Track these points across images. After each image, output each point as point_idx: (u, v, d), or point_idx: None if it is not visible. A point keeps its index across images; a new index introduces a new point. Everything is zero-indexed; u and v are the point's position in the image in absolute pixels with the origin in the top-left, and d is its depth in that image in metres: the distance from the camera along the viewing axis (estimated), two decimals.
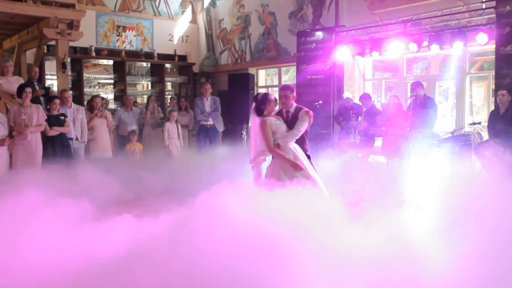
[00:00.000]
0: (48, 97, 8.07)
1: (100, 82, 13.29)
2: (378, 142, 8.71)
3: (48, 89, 8.96)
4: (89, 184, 6.03)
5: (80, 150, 7.95)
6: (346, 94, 9.14)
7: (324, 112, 9.27)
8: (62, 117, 7.61)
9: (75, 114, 7.88)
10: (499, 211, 3.79)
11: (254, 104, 5.03)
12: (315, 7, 10.84)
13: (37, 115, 7.20)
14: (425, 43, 8.50)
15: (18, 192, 4.28)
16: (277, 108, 5.26)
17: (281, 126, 4.95)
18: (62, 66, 8.87)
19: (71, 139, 7.78)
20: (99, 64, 13.71)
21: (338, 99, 9.61)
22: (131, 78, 12.52)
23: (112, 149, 8.80)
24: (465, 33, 8.02)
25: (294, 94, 5.17)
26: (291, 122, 5.04)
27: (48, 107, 7.58)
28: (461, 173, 7.57)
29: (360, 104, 9.26)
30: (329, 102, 9.42)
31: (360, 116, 8.72)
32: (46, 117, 7.33)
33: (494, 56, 7.91)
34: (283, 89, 5.21)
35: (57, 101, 7.60)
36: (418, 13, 9.01)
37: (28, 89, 7.25)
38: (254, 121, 5.04)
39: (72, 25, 8.91)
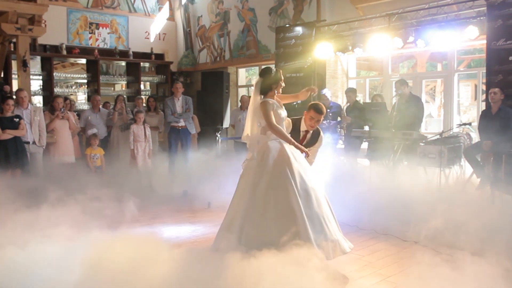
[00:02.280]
0: (1, 96, 7.23)
1: (77, 82, 12.44)
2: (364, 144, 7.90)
3: (1, 84, 8.05)
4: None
5: (37, 155, 7.10)
6: (324, 91, 8.29)
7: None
8: (17, 119, 6.77)
9: (32, 116, 7.03)
10: None
11: (259, 78, 4.25)
12: (296, 2, 10.03)
13: None
14: (411, 39, 7.76)
15: None
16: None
17: (282, 113, 4.23)
18: (23, 64, 8.03)
19: (28, 143, 6.93)
20: (77, 64, 12.83)
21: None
22: (106, 77, 11.64)
23: (78, 153, 7.95)
24: (454, 27, 7.26)
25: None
26: (306, 141, 4.70)
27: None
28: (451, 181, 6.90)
29: (339, 103, 8.52)
30: (310, 102, 8.60)
31: (333, 115, 7.94)
32: None
33: (482, 55, 7.20)
34: (320, 112, 4.60)
35: (11, 101, 6.75)
36: (403, 7, 8.26)
37: None
38: (254, 100, 4.23)
39: (34, 20, 8.06)
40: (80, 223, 5.12)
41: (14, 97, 7.32)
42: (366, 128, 7.68)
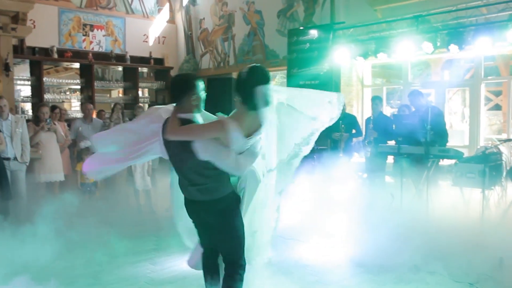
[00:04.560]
0: None
1: (70, 88, 11.30)
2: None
3: None
4: None
5: (20, 173, 5.92)
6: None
7: None
8: None
9: (12, 128, 5.86)
10: None
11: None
12: (307, 4, 8.98)
13: None
14: (438, 44, 6.75)
15: None
16: None
17: None
18: (5, 68, 6.89)
19: (8, 159, 5.77)
20: (71, 68, 11.68)
21: None
22: (101, 83, 10.48)
23: (68, 169, 6.80)
24: (492, 30, 6.25)
25: None
26: None
27: None
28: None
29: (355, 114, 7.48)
30: None
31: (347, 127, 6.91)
32: None
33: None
34: None
35: None
36: (427, 10, 7.25)
37: None
38: None
39: (18, 18, 6.92)
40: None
41: None
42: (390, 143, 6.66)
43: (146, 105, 10.56)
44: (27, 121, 6.47)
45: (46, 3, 9.32)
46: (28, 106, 10.63)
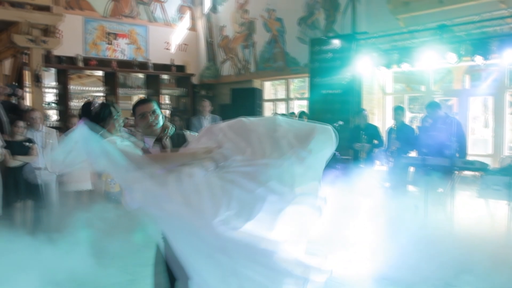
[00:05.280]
0: (18, 112, 6.24)
1: (94, 96, 11.50)
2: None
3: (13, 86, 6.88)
4: None
5: (51, 183, 6.09)
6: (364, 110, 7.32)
7: (343, 133, 7.41)
8: (28, 143, 5.79)
9: (45, 139, 6.04)
10: None
11: None
12: (328, 12, 9.00)
13: None
14: (462, 54, 6.72)
15: None
16: None
17: None
18: (35, 79, 7.07)
19: (39, 169, 5.94)
20: (93, 75, 11.92)
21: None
22: (123, 90, 10.65)
23: (95, 177, 6.94)
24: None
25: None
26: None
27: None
28: None
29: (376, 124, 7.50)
30: (349, 121, 7.59)
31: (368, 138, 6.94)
32: (4, 143, 5.53)
33: None
34: (141, 102, 3.04)
35: (21, 123, 5.77)
36: (450, 19, 7.21)
37: None
38: None
39: (48, 31, 7.11)
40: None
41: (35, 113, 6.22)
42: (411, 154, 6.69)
43: (167, 111, 10.71)
44: (57, 129, 6.64)
45: (71, 13, 9.53)
46: (51, 113, 10.85)
